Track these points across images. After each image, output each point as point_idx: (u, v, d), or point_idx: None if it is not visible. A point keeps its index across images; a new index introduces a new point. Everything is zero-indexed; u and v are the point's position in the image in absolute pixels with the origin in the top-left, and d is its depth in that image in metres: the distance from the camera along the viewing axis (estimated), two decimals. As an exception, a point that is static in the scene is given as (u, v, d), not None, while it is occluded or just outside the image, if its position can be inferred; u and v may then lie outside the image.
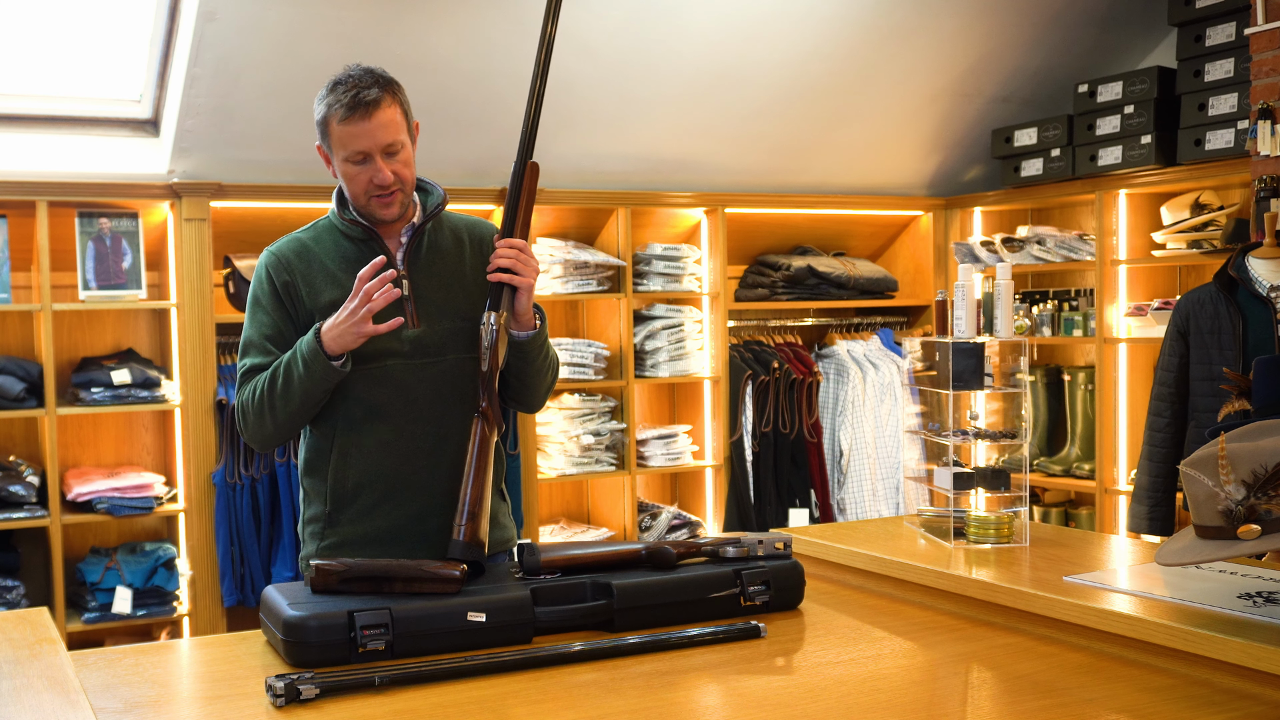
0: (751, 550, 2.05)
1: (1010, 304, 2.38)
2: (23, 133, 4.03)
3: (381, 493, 2.19)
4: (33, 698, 1.56)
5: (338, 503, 2.20)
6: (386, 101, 2.12)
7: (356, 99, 2.09)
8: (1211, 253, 4.33)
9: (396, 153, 2.15)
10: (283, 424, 2.16)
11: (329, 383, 2.11)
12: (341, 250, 2.22)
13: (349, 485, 2.20)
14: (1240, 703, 1.59)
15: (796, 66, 4.60)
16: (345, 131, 2.11)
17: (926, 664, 1.82)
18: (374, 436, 2.18)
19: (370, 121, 2.10)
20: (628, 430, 4.80)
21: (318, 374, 2.09)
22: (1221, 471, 1.70)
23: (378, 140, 2.11)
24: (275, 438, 2.19)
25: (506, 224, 2.18)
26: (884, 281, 5.34)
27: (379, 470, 2.19)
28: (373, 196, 2.15)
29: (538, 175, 2.18)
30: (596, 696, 1.63)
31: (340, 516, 2.21)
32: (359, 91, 2.10)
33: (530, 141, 2.16)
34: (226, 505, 4.12)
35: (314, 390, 2.12)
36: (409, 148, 2.18)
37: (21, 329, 4.24)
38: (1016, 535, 2.32)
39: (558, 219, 4.84)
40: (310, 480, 2.25)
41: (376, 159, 2.13)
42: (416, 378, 2.18)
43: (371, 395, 2.17)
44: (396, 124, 2.14)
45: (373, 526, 2.20)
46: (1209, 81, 4.36)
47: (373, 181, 2.13)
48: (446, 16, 3.95)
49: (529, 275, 2.15)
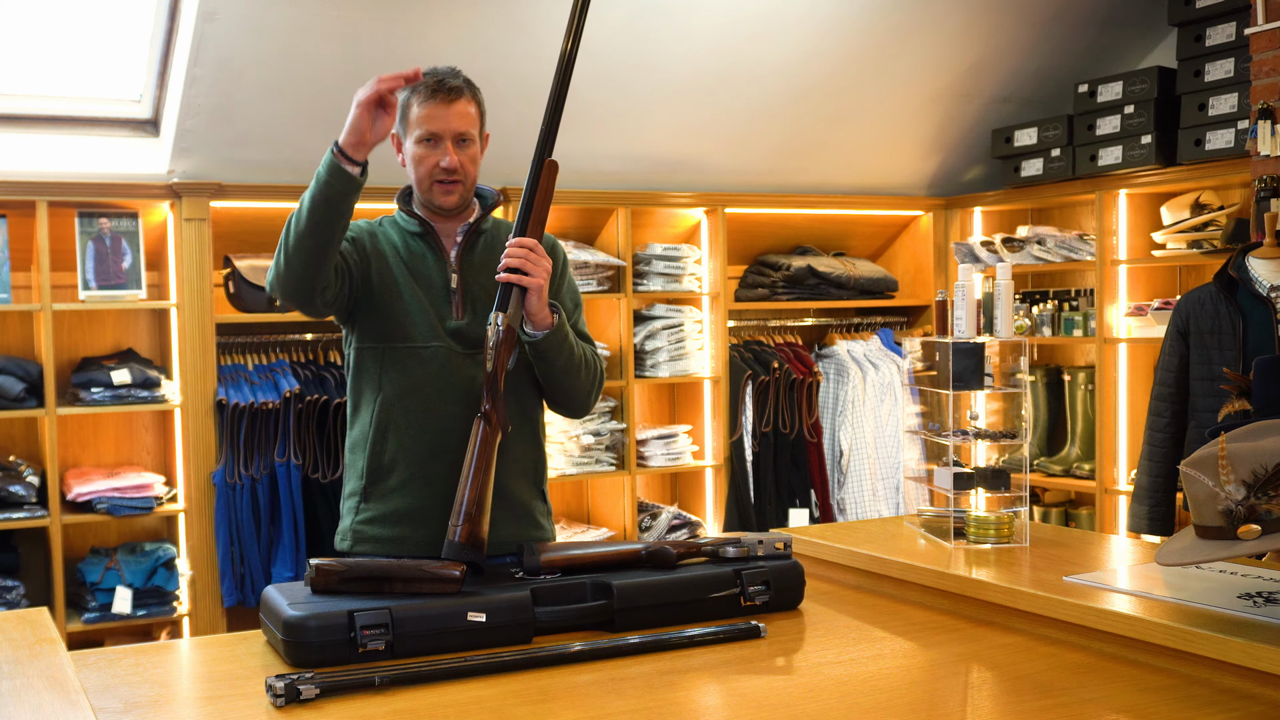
0: (751, 550, 2.05)
1: (1010, 304, 2.38)
2: (23, 133, 4.03)
3: (413, 470, 2.26)
4: (33, 698, 1.56)
5: (373, 477, 2.29)
6: (468, 97, 2.27)
7: (441, 84, 2.24)
8: (1211, 253, 4.33)
9: (466, 146, 2.27)
10: (294, 250, 2.14)
11: (343, 190, 2.10)
12: (401, 241, 2.34)
13: (384, 461, 2.28)
14: (1240, 703, 1.59)
15: (796, 67, 4.60)
16: (424, 112, 2.24)
17: (926, 664, 1.82)
18: (411, 416, 2.27)
19: (449, 108, 2.24)
20: (628, 430, 4.80)
21: (334, 180, 2.09)
22: (1221, 471, 1.70)
23: (452, 126, 2.24)
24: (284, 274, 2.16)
25: (520, 223, 2.21)
26: (884, 281, 5.34)
27: (413, 448, 2.26)
28: (436, 181, 2.27)
29: (556, 174, 2.23)
30: (596, 696, 1.63)
31: (374, 491, 2.29)
32: (445, 79, 2.25)
33: (549, 139, 2.20)
34: (226, 505, 4.12)
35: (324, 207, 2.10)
36: (477, 147, 2.31)
37: (21, 329, 4.24)
38: (1016, 535, 2.32)
39: (558, 219, 4.83)
40: (352, 456, 2.35)
41: (447, 143, 2.25)
42: (454, 365, 2.27)
43: (412, 375, 2.27)
44: (472, 118, 2.27)
45: (404, 503, 2.27)
46: (1209, 81, 4.36)
47: (439, 165, 2.25)
48: (446, 16, 3.95)
49: (538, 275, 2.16)
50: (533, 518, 2.34)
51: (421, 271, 2.32)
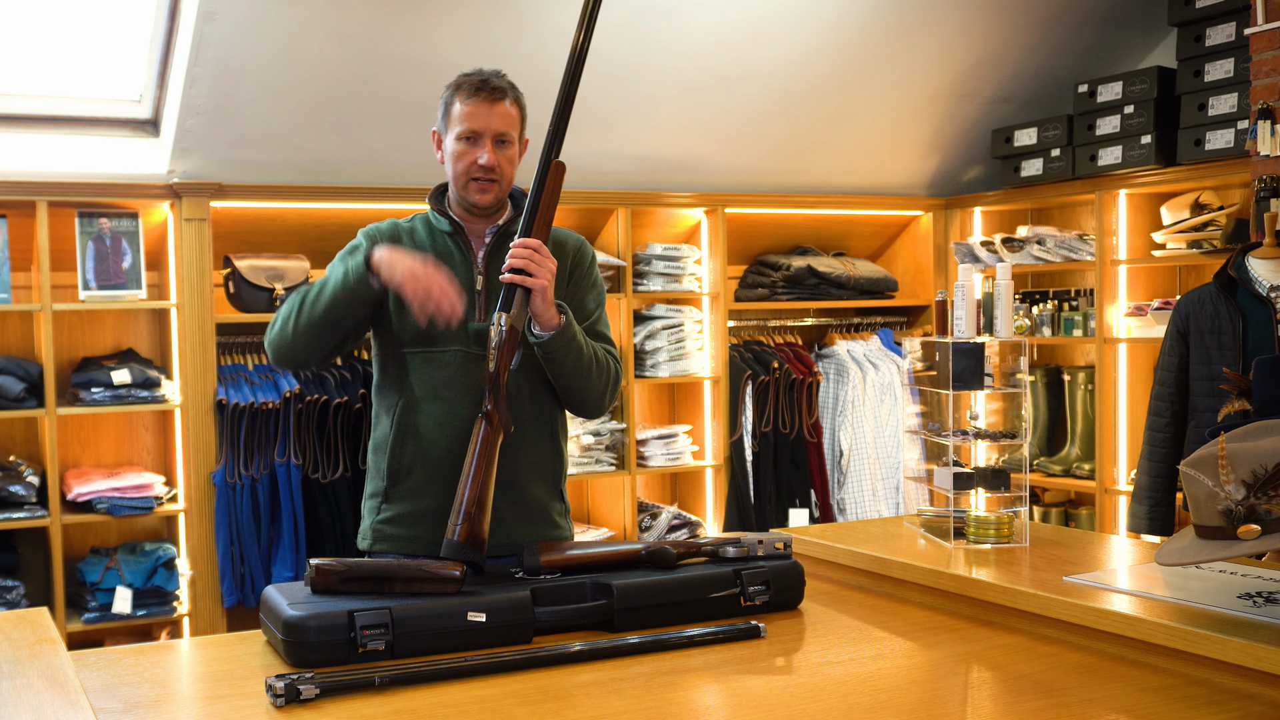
0: (751, 550, 2.05)
1: (1010, 304, 2.38)
2: (23, 133, 4.03)
3: (433, 472, 2.28)
4: (33, 698, 1.56)
5: (394, 478, 2.32)
6: (510, 99, 2.31)
7: (486, 83, 2.29)
8: (1211, 253, 4.33)
9: (506, 146, 2.30)
10: (301, 331, 2.24)
11: (359, 294, 2.19)
12: (428, 239, 2.36)
13: (404, 462, 2.31)
14: (1240, 703, 1.59)
15: (796, 67, 4.60)
16: (466, 109, 2.28)
17: (926, 664, 1.82)
18: (431, 418, 2.29)
19: (492, 107, 2.28)
20: (628, 430, 4.80)
21: (353, 281, 2.18)
22: (1221, 471, 1.70)
23: (493, 125, 2.27)
24: (288, 348, 2.28)
25: (525, 223, 2.22)
26: (884, 281, 5.34)
27: (432, 450, 2.28)
28: (473, 179, 2.29)
29: (563, 175, 2.23)
30: (596, 696, 1.63)
31: (395, 492, 2.32)
32: (490, 79, 2.30)
33: (557, 140, 2.21)
34: (226, 505, 4.12)
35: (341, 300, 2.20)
36: (516, 149, 2.34)
37: (21, 329, 4.24)
38: (1016, 535, 2.32)
39: (558, 219, 4.81)
40: (375, 457, 2.38)
41: (487, 142, 2.28)
42: (477, 366, 2.27)
43: (433, 378, 2.29)
44: (513, 119, 2.31)
45: (423, 505, 2.29)
46: (1209, 81, 4.36)
47: (477, 162, 2.28)
48: (446, 17, 3.95)
49: (542, 276, 2.16)
50: (549, 517, 2.35)
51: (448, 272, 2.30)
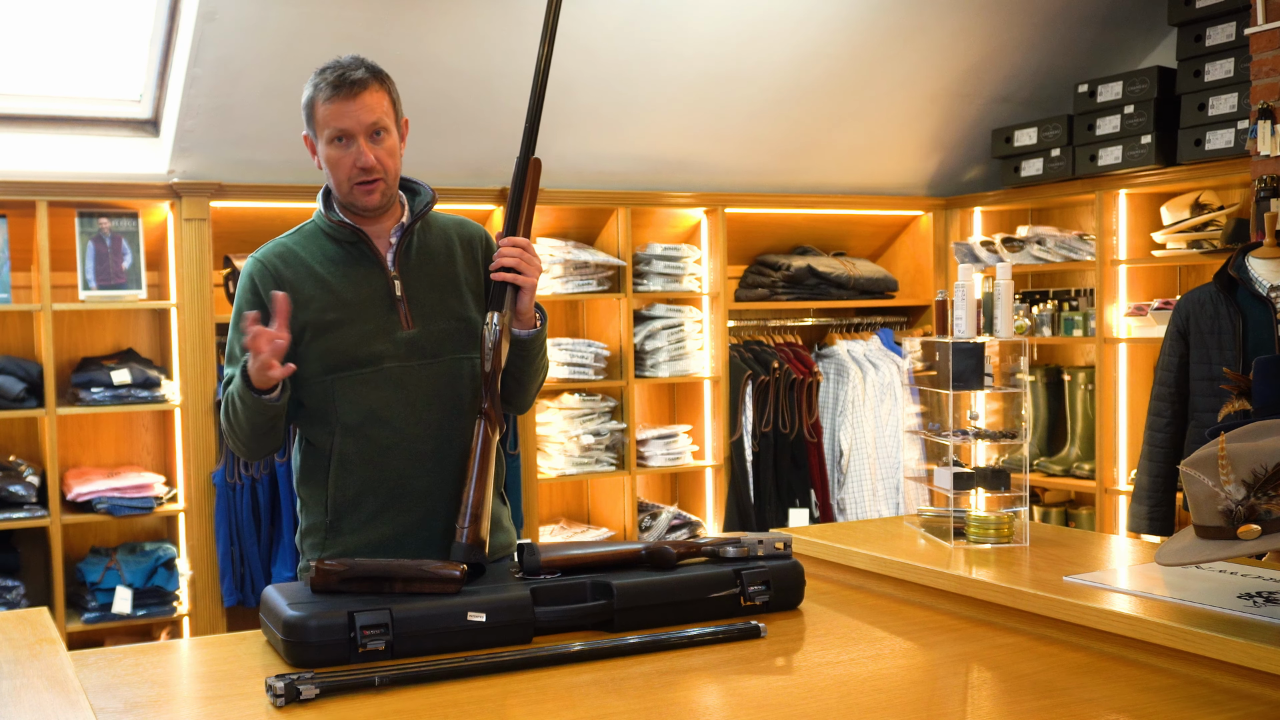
0: (751, 550, 2.05)
1: (1010, 304, 2.38)
2: (23, 133, 4.03)
3: (385, 499, 2.13)
4: (33, 698, 1.56)
5: (339, 511, 2.14)
6: (374, 86, 2.09)
7: (342, 78, 2.07)
8: (1211, 253, 4.33)
9: (381, 139, 2.10)
10: (251, 445, 2.12)
11: (269, 413, 2.06)
12: (328, 254, 2.16)
13: (350, 493, 2.13)
14: (1240, 703, 1.59)
15: (797, 67, 4.60)
16: (329, 111, 2.07)
17: (926, 664, 1.82)
18: (375, 442, 2.12)
19: (355, 102, 2.06)
20: (628, 430, 4.80)
21: (253, 407, 2.04)
22: (1221, 471, 1.70)
23: (361, 120, 2.07)
24: (254, 454, 2.16)
25: (509, 222, 2.14)
26: (884, 281, 5.34)
27: (381, 476, 2.12)
28: (355, 183, 2.09)
29: (540, 171, 2.14)
30: (596, 696, 1.63)
31: (343, 525, 2.14)
32: (345, 72, 2.08)
33: (532, 137, 2.13)
34: (226, 505, 4.12)
35: (259, 420, 2.06)
36: (395, 138, 2.13)
37: (21, 329, 4.24)
38: (1016, 535, 2.32)
39: (558, 219, 4.83)
40: (308, 489, 2.18)
41: (360, 141, 2.08)
42: (414, 379, 2.13)
43: (369, 399, 2.11)
44: (383, 109, 2.10)
45: (376, 534, 2.13)
46: (1209, 81, 4.36)
47: (355, 165, 2.08)
48: (446, 17, 3.95)
49: (532, 274, 2.12)
50: (496, 520, 2.23)
51: (359, 285, 2.14)
